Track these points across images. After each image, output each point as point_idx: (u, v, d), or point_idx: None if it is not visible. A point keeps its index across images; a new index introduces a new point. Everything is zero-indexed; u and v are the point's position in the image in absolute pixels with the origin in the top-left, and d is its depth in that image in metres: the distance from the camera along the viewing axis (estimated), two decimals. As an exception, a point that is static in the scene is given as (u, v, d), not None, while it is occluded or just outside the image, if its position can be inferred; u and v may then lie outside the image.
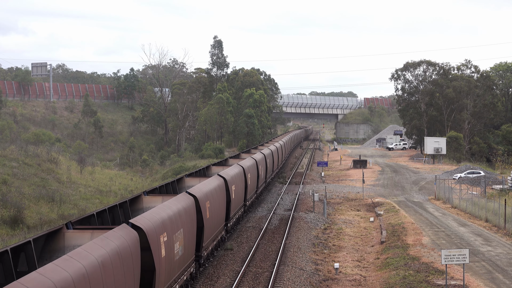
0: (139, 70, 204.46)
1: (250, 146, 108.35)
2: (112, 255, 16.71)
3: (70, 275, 14.03)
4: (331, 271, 33.99)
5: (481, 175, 74.87)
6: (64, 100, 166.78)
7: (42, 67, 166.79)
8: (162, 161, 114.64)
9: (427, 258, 35.18)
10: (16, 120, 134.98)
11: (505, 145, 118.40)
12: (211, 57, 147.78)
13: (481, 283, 30.23)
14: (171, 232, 22.60)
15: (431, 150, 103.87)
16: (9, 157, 76.43)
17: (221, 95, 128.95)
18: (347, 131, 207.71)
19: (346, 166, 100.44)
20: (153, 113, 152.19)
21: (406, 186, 74.92)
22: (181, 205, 24.99)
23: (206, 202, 29.31)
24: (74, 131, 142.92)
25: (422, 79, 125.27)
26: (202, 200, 28.51)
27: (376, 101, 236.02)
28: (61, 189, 68.36)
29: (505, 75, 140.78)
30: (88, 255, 15.51)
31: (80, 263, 14.88)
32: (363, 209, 57.88)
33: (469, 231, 44.27)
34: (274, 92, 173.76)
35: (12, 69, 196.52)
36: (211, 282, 30.07)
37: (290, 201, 60.05)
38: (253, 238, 41.29)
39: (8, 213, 52.41)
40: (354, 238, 44.28)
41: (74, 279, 14.10)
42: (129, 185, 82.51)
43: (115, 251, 16.93)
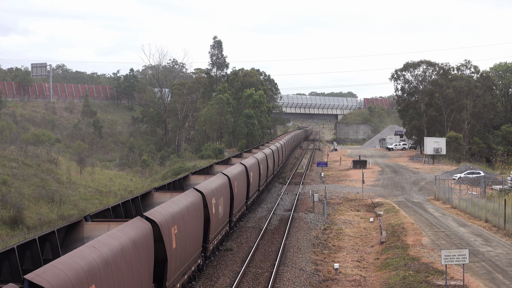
0: (139, 71, 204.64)
1: (250, 147, 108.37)
2: (130, 243, 18.22)
3: (95, 260, 15.65)
4: (331, 271, 33.99)
5: (481, 175, 74.87)
6: (64, 100, 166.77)
7: (42, 67, 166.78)
8: (162, 162, 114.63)
9: (427, 259, 35.18)
10: (16, 121, 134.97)
11: (504, 145, 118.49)
12: (210, 58, 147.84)
13: (481, 283, 30.23)
14: (182, 225, 24.08)
15: (431, 150, 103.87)
16: (9, 157, 76.43)
17: (221, 95, 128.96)
18: (346, 131, 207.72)
19: (346, 167, 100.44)
20: (153, 113, 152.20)
21: (406, 186, 74.93)
22: (189, 200, 26.42)
23: (212, 198, 30.83)
24: (73, 132, 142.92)
25: (422, 79, 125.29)
26: (209, 196, 30.03)
27: (375, 102, 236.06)
28: (60, 190, 68.37)
29: (504, 75, 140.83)
30: (109, 243, 17.05)
31: (103, 249, 16.46)
32: (363, 209, 57.88)
33: (469, 231, 44.27)
34: (273, 92, 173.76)
35: (12, 69, 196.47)
36: (211, 283, 30.06)
37: (290, 202, 60.05)
38: (253, 238, 41.29)
39: (8, 213, 52.41)
40: (354, 238, 44.28)
41: (98, 263, 15.74)
42: (129, 186, 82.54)
43: (132, 240, 18.43)
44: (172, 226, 22.37)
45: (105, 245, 16.68)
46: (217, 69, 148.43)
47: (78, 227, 20.02)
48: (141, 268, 18.99)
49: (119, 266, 16.98)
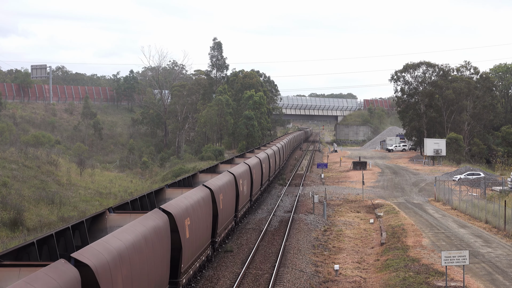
0: (138, 72, 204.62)
1: (250, 148, 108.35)
2: (151, 231, 20.47)
3: (124, 244, 17.96)
4: (331, 272, 33.99)
5: (481, 177, 74.84)
6: (64, 102, 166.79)
7: (42, 69, 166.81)
8: (162, 163, 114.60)
9: (427, 260, 35.18)
10: (15, 122, 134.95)
11: (504, 147, 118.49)
12: (210, 59, 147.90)
13: (481, 284, 30.23)
14: (194, 217, 26.36)
15: (431, 151, 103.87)
16: (8, 159, 76.42)
17: (221, 97, 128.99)
18: (346, 132, 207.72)
19: (346, 168, 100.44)
20: (153, 115, 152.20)
21: (406, 187, 74.92)
22: (200, 195, 29.13)
23: (220, 194, 33.86)
24: (73, 133, 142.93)
25: (422, 81, 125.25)
26: (217, 192, 33.06)
27: (375, 103, 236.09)
28: (60, 191, 68.36)
29: (504, 77, 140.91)
30: (135, 230, 19.42)
31: (130, 236, 18.75)
32: (363, 210, 57.87)
33: (469, 232, 44.27)
34: (273, 94, 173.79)
35: (12, 71, 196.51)
36: (211, 284, 30.07)
37: (290, 203, 60.05)
38: (253, 240, 41.30)
39: (8, 215, 52.40)
40: (354, 239, 44.28)
41: (127, 247, 18.04)
42: (129, 187, 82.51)
43: (153, 229, 20.70)
44: (185, 218, 24.76)
45: (132, 232, 19.06)
46: (217, 71, 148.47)
47: (102, 218, 22.42)
48: (161, 253, 21.31)
49: (143, 250, 19.29)
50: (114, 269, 16.71)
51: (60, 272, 14.20)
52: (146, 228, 20.25)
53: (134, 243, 18.63)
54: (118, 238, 17.98)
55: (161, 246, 21.53)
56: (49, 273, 13.86)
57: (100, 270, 15.65)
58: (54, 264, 14.37)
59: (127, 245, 18.05)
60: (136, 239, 18.95)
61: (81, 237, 20.34)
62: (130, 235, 18.75)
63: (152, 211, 22.32)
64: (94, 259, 15.70)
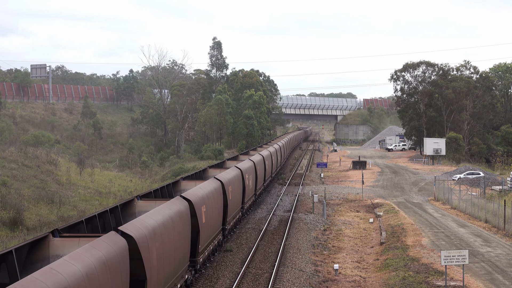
0: (138, 72, 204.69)
1: (250, 148, 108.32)
2: (176, 215, 23.41)
3: (156, 222, 20.97)
4: (330, 272, 33.99)
5: (480, 176, 74.84)
6: (64, 101, 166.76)
7: (42, 68, 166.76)
8: (162, 163, 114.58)
9: (427, 259, 35.18)
10: (15, 122, 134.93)
11: (504, 146, 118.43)
12: (210, 59, 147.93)
13: (481, 284, 30.23)
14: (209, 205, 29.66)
15: (431, 151, 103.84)
16: (8, 158, 76.39)
17: (221, 96, 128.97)
18: (346, 132, 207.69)
19: (346, 167, 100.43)
20: (153, 114, 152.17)
21: (406, 187, 74.91)
22: (213, 186, 32.88)
23: (229, 186, 37.11)
24: (73, 133, 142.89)
25: (421, 80, 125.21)
26: (227, 185, 36.45)
27: (375, 102, 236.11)
28: (60, 191, 68.34)
29: (504, 76, 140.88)
30: (163, 212, 22.41)
31: (162, 216, 22.06)
32: (363, 210, 57.87)
33: (469, 232, 44.27)
34: (273, 93, 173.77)
35: (12, 70, 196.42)
36: (210, 284, 30.07)
37: (290, 202, 60.04)
38: (253, 239, 41.30)
39: (8, 214, 52.40)
40: (354, 239, 44.28)
41: (159, 225, 21.13)
42: (129, 187, 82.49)
43: (177, 212, 23.57)
44: (202, 205, 27.58)
45: (161, 214, 22.15)
46: (216, 70, 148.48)
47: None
48: (183, 234, 24.52)
49: (171, 230, 22.48)
50: (151, 241, 19.87)
51: (113, 241, 17.30)
52: (172, 211, 23.46)
53: (164, 222, 21.87)
54: (152, 218, 21.13)
55: (184, 228, 24.78)
56: (105, 240, 16.93)
57: (141, 241, 18.89)
58: (107, 235, 17.45)
59: (158, 224, 21.21)
60: (165, 220, 22.11)
61: (115, 219, 23.19)
62: (160, 216, 21.93)
63: (175, 198, 25.46)
64: (136, 232, 18.90)
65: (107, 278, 16.31)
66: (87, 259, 15.49)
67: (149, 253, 19.32)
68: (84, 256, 15.53)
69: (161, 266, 21.23)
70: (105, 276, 16.20)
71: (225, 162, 50.89)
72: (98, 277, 15.76)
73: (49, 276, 13.76)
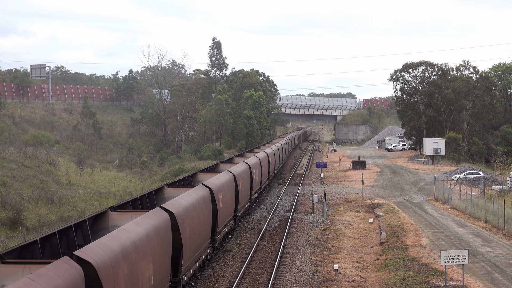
0: (138, 72, 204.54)
1: (249, 148, 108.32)
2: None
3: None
4: (330, 272, 33.99)
5: (480, 176, 74.87)
6: (63, 102, 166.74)
7: (41, 69, 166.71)
8: (161, 163, 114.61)
9: (427, 259, 35.19)
10: (15, 122, 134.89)
11: (504, 146, 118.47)
12: (210, 59, 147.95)
13: (481, 284, 30.23)
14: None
15: (430, 151, 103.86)
16: (8, 159, 76.39)
17: (220, 96, 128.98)
18: (346, 132, 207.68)
19: (345, 167, 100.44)
20: (152, 114, 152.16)
21: (405, 187, 74.92)
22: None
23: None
24: (73, 133, 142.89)
25: (421, 80, 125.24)
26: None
27: (375, 102, 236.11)
28: (60, 191, 68.35)
29: (504, 76, 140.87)
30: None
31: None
32: (363, 210, 57.87)
33: (469, 232, 44.27)
34: (273, 93, 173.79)
35: (11, 70, 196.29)
36: (210, 284, 30.06)
37: (289, 202, 60.04)
38: (253, 239, 41.30)
39: (7, 214, 52.39)
40: (354, 239, 44.28)
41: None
42: (128, 187, 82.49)
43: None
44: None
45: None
46: (216, 70, 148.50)
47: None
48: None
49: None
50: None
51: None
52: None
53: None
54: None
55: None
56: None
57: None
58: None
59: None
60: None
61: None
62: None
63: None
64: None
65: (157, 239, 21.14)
66: (146, 225, 20.57)
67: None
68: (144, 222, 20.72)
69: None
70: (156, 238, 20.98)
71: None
72: (153, 237, 20.67)
73: (124, 234, 18.54)
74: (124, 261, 17.64)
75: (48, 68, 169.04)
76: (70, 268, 14.85)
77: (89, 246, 16.50)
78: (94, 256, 16.00)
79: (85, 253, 15.85)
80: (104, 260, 16.28)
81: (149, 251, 20.18)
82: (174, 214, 23.92)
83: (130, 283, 18.09)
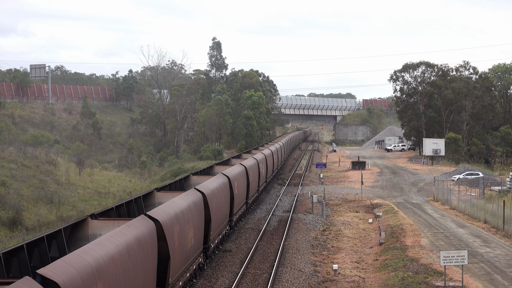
0: (137, 72, 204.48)
1: (249, 148, 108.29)
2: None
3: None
4: (329, 272, 33.99)
5: (479, 177, 74.89)
6: (63, 101, 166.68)
7: (41, 68, 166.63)
8: (161, 163, 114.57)
9: (426, 260, 35.20)
10: (14, 122, 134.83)
11: (503, 147, 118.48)
12: (209, 59, 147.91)
13: (480, 284, 30.24)
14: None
15: (430, 151, 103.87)
16: (7, 158, 76.39)
17: (220, 96, 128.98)
18: (345, 132, 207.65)
19: (345, 168, 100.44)
20: (152, 114, 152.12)
21: (405, 187, 74.92)
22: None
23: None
24: (72, 133, 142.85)
25: (421, 81, 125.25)
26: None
27: (374, 103, 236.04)
28: (59, 191, 68.33)
29: (503, 77, 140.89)
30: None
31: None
32: (362, 210, 57.88)
33: (468, 232, 44.28)
34: (272, 93, 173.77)
35: (11, 70, 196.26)
36: (209, 284, 30.06)
37: (289, 203, 60.04)
38: (252, 239, 41.29)
39: (7, 214, 52.38)
40: (353, 239, 44.28)
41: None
42: (128, 187, 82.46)
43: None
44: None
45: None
46: (216, 70, 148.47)
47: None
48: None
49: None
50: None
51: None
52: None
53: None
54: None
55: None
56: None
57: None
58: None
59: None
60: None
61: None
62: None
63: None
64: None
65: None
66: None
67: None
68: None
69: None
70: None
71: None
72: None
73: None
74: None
75: (48, 68, 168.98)
76: (197, 192, 15.99)
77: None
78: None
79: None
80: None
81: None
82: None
83: (181, 240, 18.81)
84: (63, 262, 14.70)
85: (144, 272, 19.62)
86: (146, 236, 19.85)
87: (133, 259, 18.42)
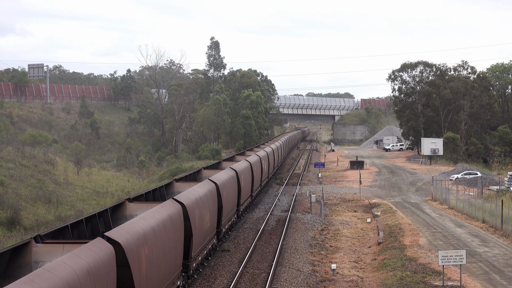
0: (136, 72, 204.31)
1: (247, 147, 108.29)
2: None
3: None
4: (328, 272, 33.99)
5: (478, 176, 74.93)
6: (61, 101, 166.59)
7: (39, 68, 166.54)
8: (159, 162, 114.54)
9: (424, 259, 35.21)
10: (12, 122, 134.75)
11: (501, 146, 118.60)
12: (208, 58, 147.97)
13: (478, 284, 30.26)
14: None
15: (428, 151, 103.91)
16: (5, 158, 76.32)
17: (218, 96, 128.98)
18: (344, 132, 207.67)
19: (343, 167, 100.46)
20: (150, 114, 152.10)
21: (403, 187, 74.95)
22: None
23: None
24: (71, 133, 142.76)
25: (419, 80, 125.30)
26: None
27: (373, 102, 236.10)
28: (58, 191, 68.26)
29: (501, 76, 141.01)
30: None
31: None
32: (360, 210, 57.89)
33: (466, 232, 44.31)
34: (271, 93, 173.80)
35: (9, 70, 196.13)
36: (208, 284, 30.05)
37: (287, 202, 60.04)
38: (250, 239, 41.29)
39: (5, 214, 52.33)
40: (351, 239, 44.29)
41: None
42: (126, 186, 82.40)
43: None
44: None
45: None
46: (214, 70, 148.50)
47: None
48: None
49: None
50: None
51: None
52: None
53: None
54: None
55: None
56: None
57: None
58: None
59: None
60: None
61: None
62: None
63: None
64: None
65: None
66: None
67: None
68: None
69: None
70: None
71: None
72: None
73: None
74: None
75: (46, 67, 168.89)
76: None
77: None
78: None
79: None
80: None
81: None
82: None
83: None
84: (121, 229, 18.48)
85: (175, 243, 23.60)
86: (176, 215, 23.81)
87: (167, 232, 22.17)
